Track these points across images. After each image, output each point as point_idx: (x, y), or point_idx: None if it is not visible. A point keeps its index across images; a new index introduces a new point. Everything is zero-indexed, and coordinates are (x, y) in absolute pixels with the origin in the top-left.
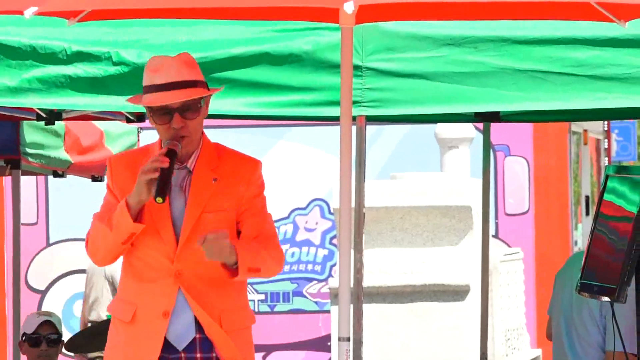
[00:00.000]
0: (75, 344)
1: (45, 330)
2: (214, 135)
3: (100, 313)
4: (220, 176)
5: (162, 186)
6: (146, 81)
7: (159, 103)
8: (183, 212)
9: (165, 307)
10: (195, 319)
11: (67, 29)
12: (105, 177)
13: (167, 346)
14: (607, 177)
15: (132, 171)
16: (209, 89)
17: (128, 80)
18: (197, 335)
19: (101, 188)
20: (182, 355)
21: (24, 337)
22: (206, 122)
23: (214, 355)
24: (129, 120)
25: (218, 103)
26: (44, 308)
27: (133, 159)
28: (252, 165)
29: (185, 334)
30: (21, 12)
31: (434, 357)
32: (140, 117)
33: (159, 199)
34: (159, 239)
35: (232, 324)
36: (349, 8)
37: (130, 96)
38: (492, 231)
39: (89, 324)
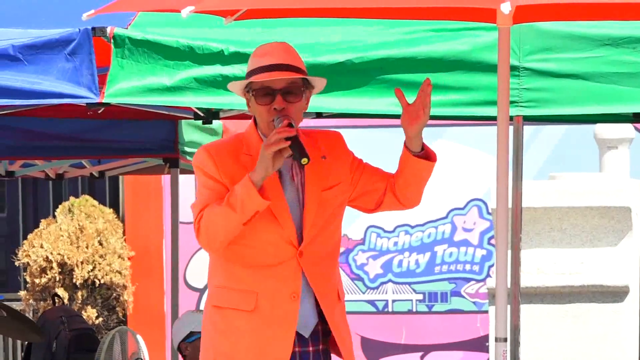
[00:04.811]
0: None
1: None
2: (372, 134)
3: None
4: (325, 153)
5: (301, 149)
6: (252, 65)
7: (266, 78)
8: (294, 195)
9: (293, 289)
10: (316, 302)
11: (222, 30)
12: (201, 167)
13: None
14: None
15: (235, 158)
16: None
17: None
18: (319, 326)
19: None
20: (311, 349)
21: (191, 337)
22: (364, 121)
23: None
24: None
25: (377, 103)
26: (202, 306)
27: (232, 148)
28: (339, 137)
29: (311, 318)
30: (178, 11)
31: (592, 358)
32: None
33: (304, 160)
34: (276, 223)
35: (342, 295)
36: (505, 8)
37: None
38: None
39: None
